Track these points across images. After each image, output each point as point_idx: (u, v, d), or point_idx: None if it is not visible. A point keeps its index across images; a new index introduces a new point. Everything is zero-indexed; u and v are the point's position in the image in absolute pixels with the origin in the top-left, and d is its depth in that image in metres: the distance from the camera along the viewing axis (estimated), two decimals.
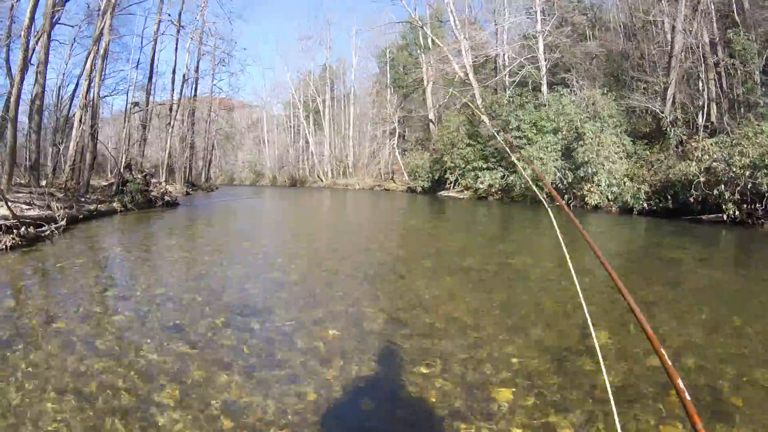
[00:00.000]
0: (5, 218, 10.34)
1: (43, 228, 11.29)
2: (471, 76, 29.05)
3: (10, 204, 11.51)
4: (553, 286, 6.47)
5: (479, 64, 31.79)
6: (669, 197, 15.01)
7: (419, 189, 32.22)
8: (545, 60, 25.55)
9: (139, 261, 8.72)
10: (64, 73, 28.11)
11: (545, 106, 22.28)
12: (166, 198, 21.44)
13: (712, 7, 19.65)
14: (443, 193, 28.20)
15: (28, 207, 13.58)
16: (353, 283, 6.76)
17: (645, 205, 15.79)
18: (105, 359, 3.91)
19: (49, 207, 13.84)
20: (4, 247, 9.21)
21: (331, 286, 6.56)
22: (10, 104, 16.78)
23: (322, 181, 50.71)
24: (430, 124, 37.20)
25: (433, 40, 36.09)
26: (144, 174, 21.86)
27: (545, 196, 16.28)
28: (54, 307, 5.48)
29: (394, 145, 40.20)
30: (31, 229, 10.56)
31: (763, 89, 17.71)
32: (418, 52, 40.56)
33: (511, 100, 25.11)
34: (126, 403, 3.20)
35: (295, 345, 4.32)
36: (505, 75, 28.89)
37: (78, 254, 9.18)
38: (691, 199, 13.94)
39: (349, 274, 7.32)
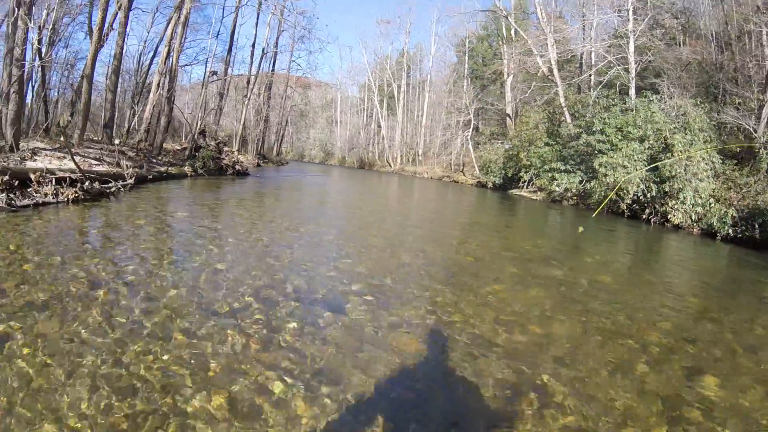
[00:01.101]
0: (71, 171, 11.09)
1: (110, 184, 11.99)
2: (555, 72, 28.26)
3: (76, 158, 12.37)
4: (652, 314, 5.86)
5: (563, 61, 30.88)
6: (756, 226, 14.10)
7: (490, 184, 31.94)
8: (635, 62, 24.48)
9: (202, 230, 8.54)
10: (145, 41, 29.97)
11: (632, 111, 21.41)
12: (237, 167, 22.56)
13: None
14: (515, 191, 27.86)
15: (97, 163, 14.53)
16: (431, 284, 6.25)
17: (730, 231, 14.82)
18: (142, 341, 3.77)
19: (118, 165, 14.74)
20: (66, 199, 9.81)
21: (405, 284, 6.04)
22: (87, 62, 17.95)
23: (390, 166, 51.17)
24: (507, 118, 36.69)
25: (516, 32, 35.39)
26: (217, 142, 23.13)
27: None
28: (99, 271, 5.38)
29: (468, 137, 39.88)
30: (96, 185, 11.13)
31: None
32: (500, 43, 39.88)
33: (596, 101, 24.24)
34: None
35: (364, 351, 3.98)
36: (591, 74, 27.97)
37: (139, 214, 9.39)
38: None
39: (425, 272, 6.85)
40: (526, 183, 27.45)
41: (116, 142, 20.18)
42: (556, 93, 27.87)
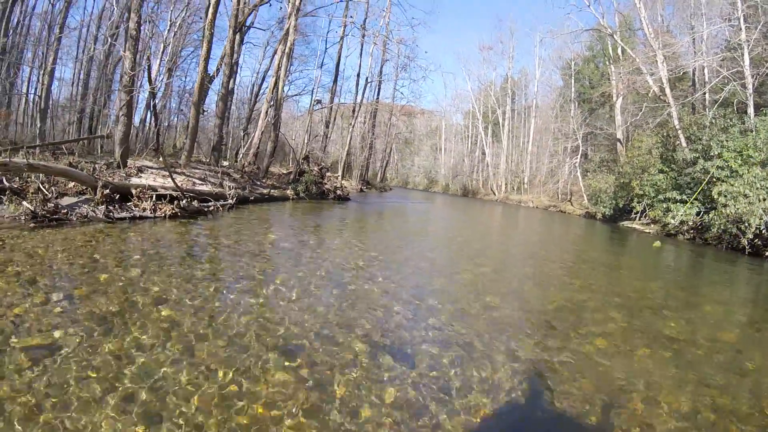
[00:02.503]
0: (173, 189, 11.82)
1: (209, 203, 12.80)
2: (667, 90, 26.24)
3: (181, 178, 13.35)
4: None
5: (675, 79, 28.67)
6: None
7: (599, 215, 30.10)
8: (752, 75, 22.11)
9: (291, 256, 8.38)
10: (257, 72, 32.84)
11: (752, 131, 19.36)
12: (338, 192, 23.57)
13: None
14: (626, 223, 26.09)
15: (201, 182, 15.63)
16: (521, 337, 5.33)
17: None
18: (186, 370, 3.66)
19: (221, 185, 15.78)
20: (163, 215, 10.61)
21: (493, 337, 5.22)
22: (195, 90, 19.70)
23: (494, 194, 50.43)
24: (618, 143, 34.64)
25: (623, 50, 33.58)
26: (320, 167, 24.33)
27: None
28: (167, 291, 5.39)
29: (576, 164, 38.27)
30: (195, 203, 11.88)
31: None
32: (606, 63, 38.11)
33: (713, 121, 22.17)
34: None
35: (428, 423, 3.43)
36: (706, 92, 25.66)
37: (230, 233, 9.66)
38: None
39: (517, 323, 5.90)
40: (638, 214, 25.60)
41: (225, 164, 22.06)
42: (669, 114, 25.85)
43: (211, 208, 12.84)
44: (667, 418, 3.81)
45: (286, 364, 3.96)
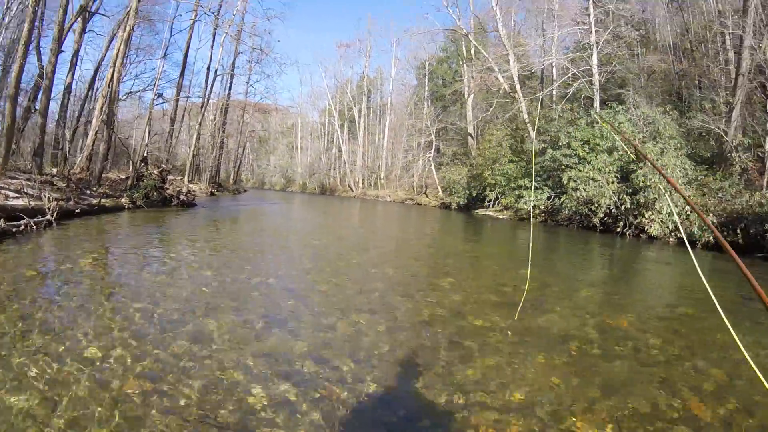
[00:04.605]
0: None
1: (19, 222, 9.93)
2: (517, 87, 27.54)
3: None
4: (695, 379, 4.15)
5: (525, 77, 30.31)
6: (738, 230, 13.24)
7: (454, 205, 30.75)
8: (599, 73, 23.93)
9: (95, 292, 5.82)
10: (98, 65, 27.59)
11: (598, 123, 20.68)
12: (182, 197, 20.37)
13: None
14: (480, 211, 26.65)
15: (16, 195, 12.38)
16: (392, 358, 4.24)
17: (711, 238, 13.81)
18: None
19: (39, 197, 12.59)
20: None
21: (358, 358, 4.16)
22: (11, 80, 16.00)
23: (352, 190, 49.91)
24: (469, 137, 35.82)
25: (476, 50, 34.80)
26: (160, 170, 20.83)
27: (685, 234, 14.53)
28: None
29: (430, 158, 38.94)
30: (0, 222, 9.25)
31: None
32: (460, 63, 39.40)
33: (561, 115, 23.49)
34: None
35: None
36: (554, 88, 27.33)
37: (30, 264, 7.05)
38: None
39: (386, 336, 4.81)
40: (491, 202, 26.30)
41: (53, 171, 18.01)
42: (518, 109, 27.07)
43: (21, 228, 9.77)
44: None
45: None
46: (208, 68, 34.38)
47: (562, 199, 19.84)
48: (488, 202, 26.49)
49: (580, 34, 26.70)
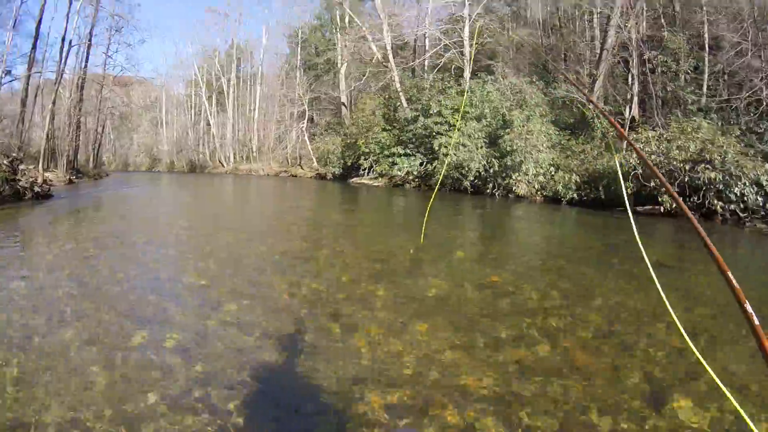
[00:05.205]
0: None
1: None
2: (390, 57, 27.30)
3: None
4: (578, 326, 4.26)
5: (398, 47, 30.23)
6: (600, 188, 14.36)
7: (329, 176, 30.08)
8: (470, 45, 24.45)
9: None
10: None
11: (468, 92, 21.16)
12: (36, 189, 17.25)
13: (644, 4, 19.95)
14: (355, 179, 26.23)
15: None
16: (263, 344, 3.84)
17: (575, 195, 14.98)
18: None
19: None
20: None
21: (236, 346, 3.74)
22: None
23: (223, 166, 47.16)
24: (342, 107, 35.12)
25: (350, 19, 34.04)
26: (10, 159, 17.52)
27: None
28: None
29: (303, 129, 37.60)
30: None
31: (691, 87, 18.11)
32: (334, 31, 38.40)
33: (432, 84, 23.73)
34: None
35: None
36: (426, 58, 27.54)
37: None
38: (628, 191, 13.35)
39: (264, 319, 4.36)
40: (366, 170, 25.96)
41: None
42: (391, 79, 26.89)
43: None
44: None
45: None
46: (63, 39, 29.52)
47: (434, 165, 20.07)
48: (363, 170, 26.11)
49: (453, 7, 27.01)
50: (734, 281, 0.86)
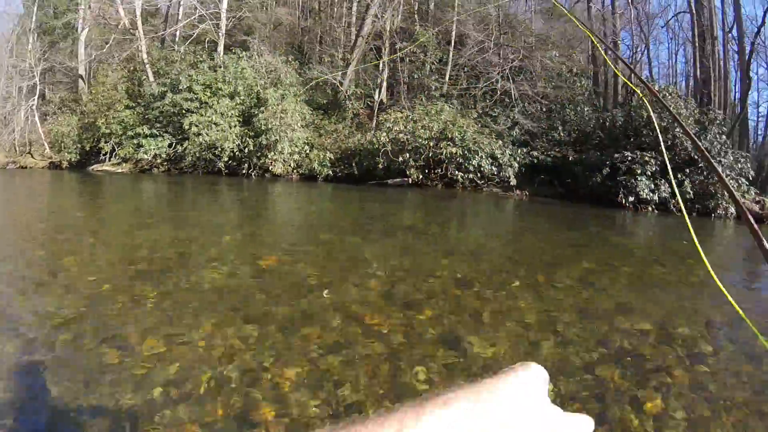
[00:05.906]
0: None
1: None
2: (139, 24, 23.81)
3: None
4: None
5: (149, 14, 26.87)
6: (354, 164, 15.36)
7: (65, 164, 24.81)
8: (227, 18, 22.82)
9: None
10: None
11: (222, 68, 19.41)
12: None
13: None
14: (96, 167, 22.32)
15: None
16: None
17: (330, 172, 15.67)
18: None
19: None
20: None
21: None
22: None
23: None
24: (80, 80, 29.87)
25: None
26: None
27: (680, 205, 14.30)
28: None
29: (33, 107, 31.16)
30: None
31: (435, 76, 20.03)
32: None
33: (183, 57, 21.29)
34: None
35: None
36: (179, 28, 24.85)
37: None
38: (380, 166, 14.74)
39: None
40: (108, 155, 22.28)
41: None
42: (138, 49, 23.58)
43: None
44: None
45: None
46: None
47: (184, 146, 17.92)
48: (104, 155, 22.34)
49: None
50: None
